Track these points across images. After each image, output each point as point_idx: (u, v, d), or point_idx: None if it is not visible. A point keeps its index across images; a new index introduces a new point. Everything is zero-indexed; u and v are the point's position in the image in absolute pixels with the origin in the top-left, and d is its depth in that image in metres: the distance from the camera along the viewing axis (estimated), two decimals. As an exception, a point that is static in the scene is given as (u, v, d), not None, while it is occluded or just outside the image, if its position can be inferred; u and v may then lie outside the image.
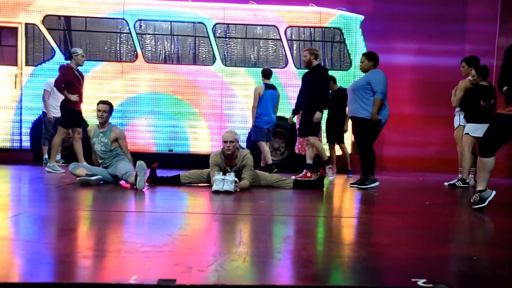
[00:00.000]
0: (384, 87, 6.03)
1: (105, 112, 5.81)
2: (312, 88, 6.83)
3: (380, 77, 6.05)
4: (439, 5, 11.19)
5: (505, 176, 9.51)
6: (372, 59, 6.28)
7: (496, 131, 4.08)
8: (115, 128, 5.87)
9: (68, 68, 7.00)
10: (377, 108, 5.97)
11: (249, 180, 5.37)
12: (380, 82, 6.02)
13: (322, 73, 6.86)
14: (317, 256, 2.31)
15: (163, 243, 2.49)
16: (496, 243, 2.89)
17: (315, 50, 7.01)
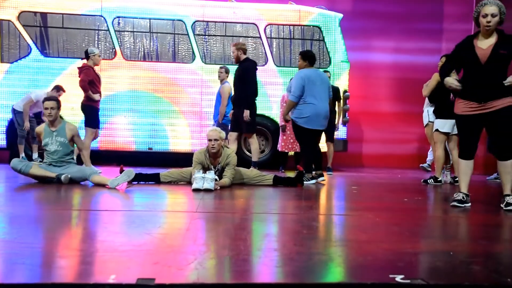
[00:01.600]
0: (296, 90, 6.17)
1: (53, 109, 5.45)
2: (238, 83, 6.88)
3: (297, 80, 6.21)
4: (416, 3, 11.34)
5: (480, 173, 9.69)
6: (306, 58, 6.38)
7: (465, 134, 4.19)
8: (69, 125, 5.58)
9: (89, 67, 6.99)
10: (287, 109, 6.29)
11: (230, 179, 5.37)
12: (294, 84, 6.22)
13: (249, 68, 6.86)
14: (296, 253, 2.32)
15: (142, 242, 2.47)
16: (471, 239, 2.95)
17: (243, 44, 7.04)
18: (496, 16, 3.93)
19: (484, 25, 3.96)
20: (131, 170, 5.23)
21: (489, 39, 4.01)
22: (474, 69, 4.01)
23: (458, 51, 4.14)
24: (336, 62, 9.17)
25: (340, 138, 9.04)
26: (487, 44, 4.00)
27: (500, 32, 4.04)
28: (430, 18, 11.45)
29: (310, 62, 6.36)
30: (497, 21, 3.95)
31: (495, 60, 3.94)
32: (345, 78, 9.25)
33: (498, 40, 3.98)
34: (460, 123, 4.21)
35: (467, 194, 4.24)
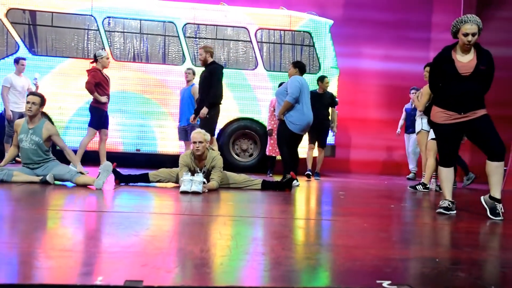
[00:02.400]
0: (294, 92, 6.47)
1: (34, 104, 5.26)
2: (203, 86, 6.86)
3: (294, 83, 6.51)
4: (406, 12, 11.47)
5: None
6: (297, 66, 6.77)
7: (444, 142, 4.25)
8: (47, 124, 5.38)
9: (97, 70, 7.11)
10: (284, 109, 6.51)
11: (217, 181, 5.36)
12: (292, 87, 6.48)
13: (215, 70, 6.86)
14: (284, 258, 2.33)
15: (130, 244, 2.46)
16: (457, 246, 2.99)
17: (210, 48, 7.03)
18: (475, 35, 4.02)
19: (465, 43, 4.05)
20: (107, 163, 5.13)
21: (468, 53, 4.11)
22: (454, 81, 4.09)
23: (439, 64, 4.21)
24: (326, 68, 9.22)
25: (328, 143, 9.08)
26: (468, 59, 4.10)
27: (477, 46, 4.14)
28: (418, 27, 11.59)
29: (301, 71, 6.73)
30: (477, 38, 4.05)
31: (476, 75, 4.05)
32: (334, 84, 9.30)
33: (477, 55, 4.09)
34: (439, 132, 4.29)
35: (452, 201, 4.29)
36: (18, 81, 7.93)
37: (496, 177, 4.09)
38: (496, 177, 4.09)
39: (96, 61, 7.18)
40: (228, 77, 8.99)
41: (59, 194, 4.58)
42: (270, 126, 8.29)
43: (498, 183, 4.12)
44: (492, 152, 4.05)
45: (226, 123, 8.95)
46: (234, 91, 8.91)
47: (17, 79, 7.93)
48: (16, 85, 7.83)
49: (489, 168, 4.08)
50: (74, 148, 6.81)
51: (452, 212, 4.24)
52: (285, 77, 9.13)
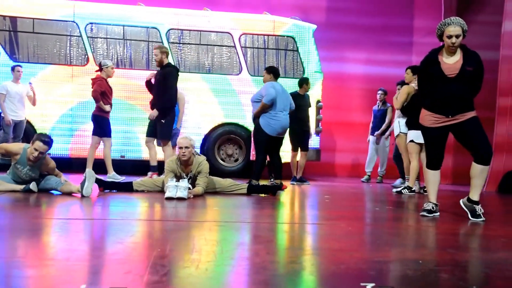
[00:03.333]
0: (271, 93, 6.72)
1: (41, 154, 5.02)
2: (158, 89, 6.80)
3: (269, 88, 6.76)
4: (388, 17, 11.60)
5: (450, 182, 9.91)
6: (271, 72, 7.00)
7: (432, 145, 4.29)
8: (47, 161, 5.23)
9: (102, 79, 7.20)
10: (259, 110, 6.74)
11: (203, 187, 5.35)
12: (267, 91, 6.73)
13: (170, 74, 6.82)
14: (269, 262, 2.33)
15: (114, 251, 2.44)
16: (440, 247, 3.02)
17: (165, 48, 6.97)
18: (460, 36, 4.07)
19: (449, 45, 4.09)
20: (89, 171, 5.08)
21: (454, 55, 4.14)
22: (441, 84, 4.13)
23: (426, 67, 4.25)
24: (310, 72, 9.26)
25: (313, 147, 9.12)
26: (454, 60, 4.13)
27: (464, 48, 4.18)
28: (400, 31, 11.73)
29: (274, 76, 6.97)
30: (461, 40, 4.09)
31: (463, 76, 4.07)
32: (318, 88, 9.35)
33: (464, 56, 4.12)
34: (428, 135, 4.31)
35: (436, 204, 4.33)
36: (14, 88, 7.83)
37: (479, 181, 4.14)
38: (479, 180, 4.14)
39: (101, 70, 7.27)
40: (213, 82, 8.99)
41: (42, 202, 4.53)
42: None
43: (479, 186, 4.17)
44: (480, 156, 4.08)
45: (211, 129, 8.93)
46: (218, 96, 8.91)
47: (13, 86, 7.83)
48: (11, 92, 7.75)
49: (474, 170, 4.12)
50: (57, 156, 6.73)
51: (435, 214, 4.28)
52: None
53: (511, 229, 3.82)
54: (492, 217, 4.35)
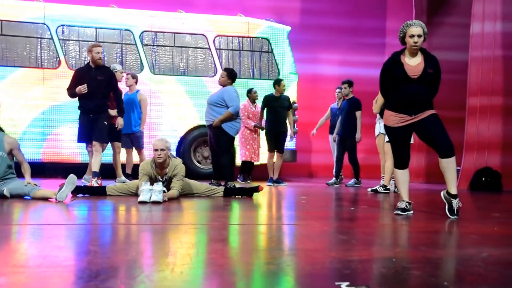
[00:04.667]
0: (238, 104, 6.99)
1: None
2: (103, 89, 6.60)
3: (233, 94, 6.95)
4: (361, 18, 11.75)
5: (423, 181, 10.08)
6: (231, 77, 7.12)
7: (398, 145, 4.38)
8: (7, 138, 5.13)
9: None
10: (224, 118, 6.86)
11: (178, 190, 5.31)
12: (234, 99, 6.92)
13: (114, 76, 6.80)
14: (245, 264, 2.33)
15: (87, 256, 2.41)
16: (413, 245, 3.07)
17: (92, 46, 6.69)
18: (421, 37, 4.20)
19: (412, 45, 4.21)
20: (72, 176, 5.01)
21: (416, 57, 4.26)
22: (404, 84, 4.23)
23: (389, 69, 4.34)
24: (285, 73, 9.32)
25: (289, 148, 9.16)
26: (416, 62, 4.26)
27: (424, 51, 4.32)
28: (374, 33, 11.89)
29: (233, 80, 7.13)
30: (422, 41, 4.22)
31: (424, 78, 4.20)
32: (293, 89, 9.41)
33: (425, 58, 4.26)
34: (392, 135, 4.41)
35: (409, 202, 4.41)
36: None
37: (450, 174, 4.23)
38: (449, 173, 4.23)
39: None
40: (188, 85, 8.96)
41: (13, 208, 4.43)
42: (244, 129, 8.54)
43: (453, 179, 4.26)
44: (442, 149, 4.20)
45: (187, 131, 8.90)
46: (194, 98, 8.88)
47: None
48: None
49: (442, 165, 4.22)
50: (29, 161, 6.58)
51: (409, 212, 4.35)
52: (244, 83, 9.18)
53: (481, 226, 3.90)
54: (464, 214, 4.44)
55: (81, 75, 6.55)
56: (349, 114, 8.30)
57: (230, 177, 6.90)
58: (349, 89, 8.44)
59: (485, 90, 8.25)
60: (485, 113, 8.29)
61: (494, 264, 2.37)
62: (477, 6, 8.33)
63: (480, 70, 8.28)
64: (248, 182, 8.21)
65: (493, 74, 8.26)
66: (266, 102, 8.16)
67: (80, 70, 6.72)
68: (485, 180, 8.08)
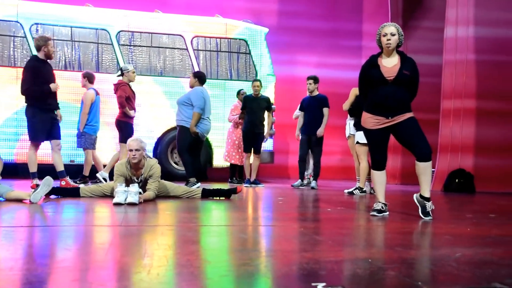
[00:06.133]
0: (201, 103, 6.94)
1: None
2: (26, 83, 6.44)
3: (198, 94, 6.97)
4: (338, 21, 11.87)
5: (399, 182, 10.22)
6: (197, 76, 7.16)
7: (375, 147, 4.43)
8: None
9: (125, 84, 7.15)
10: (195, 121, 6.91)
11: (154, 191, 5.27)
12: (198, 98, 6.93)
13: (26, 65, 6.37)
14: (222, 265, 2.32)
15: (61, 259, 2.37)
16: (388, 246, 3.10)
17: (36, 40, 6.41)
18: (395, 35, 4.27)
19: (385, 44, 4.28)
20: (48, 178, 4.93)
21: (392, 58, 4.33)
22: (380, 86, 4.29)
23: (367, 71, 4.40)
24: (262, 75, 9.34)
25: (267, 150, 9.19)
26: (392, 64, 4.32)
27: (401, 53, 4.39)
28: (351, 35, 12.01)
29: (200, 80, 7.15)
30: (397, 40, 4.29)
31: (400, 80, 4.26)
32: (271, 91, 9.44)
33: (401, 60, 4.31)
34: (370, 137, 4.46)
35: (385, 204, 4.46)
36: None
37: (425, 177, 4.31)
38: (425, 177, 4.30)
39: (122, 75, 7.23)
40: (165, 85, 8.91)
41: (-16, 210, 4.33)
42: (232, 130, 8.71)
43: (427, 182, 4.33)
44: (420, 153, 4.26)
45: (164, 132, 8.84)
46: (171, 99, 8.83)
47: None
48: None
49: (418, 169, 4.29)
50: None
51: (385, 213, 4.41)
52: (222, 84, 9.17)
53: (454, 227, 3.97)
54: (438, 215, 4.52)
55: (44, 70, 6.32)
56: (316, 112, 8.01)
57: (190, 173, 6.94)
58: (314, 85, 8.12)
59: (459, 93, 8.42)
60: (458, 116, 8.45)
61: (466, 264, 2.42)
62: (451, 11, 8.49)
63: (454, 74, 8.44)
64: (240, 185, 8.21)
65: (466, 78, 8.43)
66: (243, 102, 8.22)
67: (37, 65, 6.29)
68: (459, 182, 8.24)
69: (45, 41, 6.27)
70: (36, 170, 6.45)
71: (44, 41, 6.26)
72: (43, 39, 6.31)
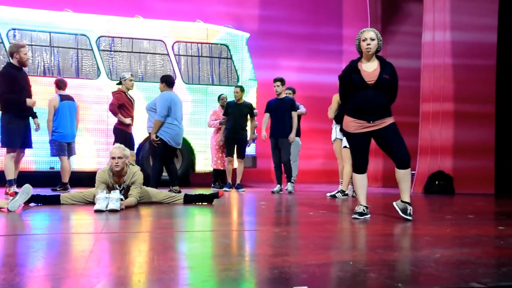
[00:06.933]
0: (163, 110, 6.76)
1: None
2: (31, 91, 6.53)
3: (162, 100, 6.82)
4: (319, 26, 11.97)
5: (380, 185, 10.32)
6: (163, 81, 7.02)
7: (357, 150, 4.48)
8: None
9: (122, 92, 7.10)
10: (155, 129, 6.80)
11: (136, 198, 5.23)
12: (160, 105, 6.78)
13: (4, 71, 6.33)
14: (204, 270, 2.32)
15: (40, 267, 2.34)
16: (370, 248, 3.13)
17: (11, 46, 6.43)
18: (374, 40, 4.33)
19: (365, 48, 4.34)
20: (28, 186, 4.87)
21: (372, 63, 4.40)
22: (361, 90, 4.34)
23: (347, 76, 4.45)
24: (244, 80, 9.36)
25: (249, 154, 9.20)
26: (372, 68, 4.38)
27: (380, 58, 4.46)
28: (331, 40, 12.12)
29: (167, 85, 6.96)
30: (376, 45, 4.35)
31: (380, 84, 4.32)
32: (252, 95, 9.46)
33: (380, 65, 4.38)
34: (352, 141, 4.51)
35: (366, 206, 4.51)
36: None
37: (405, 184, 4.38)
38: (405, 183, 4.37)
39: (121, 83, 7.21)
40: (146, 91, 8.87)
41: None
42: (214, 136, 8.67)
43: (407, 188, 4.40)
44: (400, 161, 4.33)
45: (146, 137, 8.78)
46: (152, 104, 8.77)
47: None
48: None
49: (398, 175, 4.36)
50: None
51: (366, 216, 4.45)
52: (204, 89, 9.16)
53: (434, 228, 4.03)
54: (418, 217, 4.58)
55: (20, 78, 6.27)
56: (283, 114, 7.83)
57: (154, 182, 6.77)
58: (282, 87, 7.93)
59: (437, 97, 8.55)
60: (437, 119, 8.58)
61: (445, 264, 2.46)
62: (428, 16, 8.63)
63: (432, 77, 8.57)
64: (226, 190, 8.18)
65: (444, 81, 8.56)
66: (225, 108, 8.26)
67: (13, 72, 6.21)
68: (438, 184, 8.35)
69: (18, 48, 6.21)
70: (14, 177, 6.35)
71: (16, 48, 6.21)
72: (16, 46, 6.27)
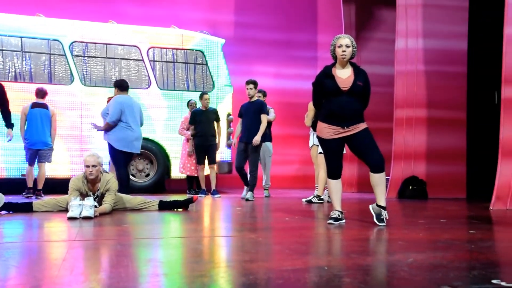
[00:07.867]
0: (114, 114, 6.64)
1: None
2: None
3: (114, 104, 6.71)
4: (294, 32, 12.07)
5: (355, 191, 10.42)
6: (116, 86, 6.95)
7: (331, 156, 4.52)
8: None
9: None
10: (103, 128, 6.71)
11: (110, 204, 5.17)
12: (112, 109, 6.67)
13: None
14: (179, 277, 2.31)
15: (10, 276, 2.29)
16: (345, 253, 3.16)
17: None
18: (349, 47, 4.39)
19: (340, 55, 4.38)
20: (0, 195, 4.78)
21: (346, 69, 4.45)
22: (335, 96, 4.39)
23: (321, 82, 4.49)
24: (220, 86, 9.36)
25: (225, 160, 9.19)
26: (346, 75, 4.43)
27: (354, 65, 4.52)
28: (306, 46, 12.24)
29: (120, 89, 6.82)
30: (351, 52, 4.40)
31: (354, 90, 4.37)
32: (228, 101, 9.47)
33: (354, 72, 4.44)
34: (326, 147, 4.54)
35: (341, 212, 4.55)
36: None
37: (380, 188, 4.43)
38: (379, 187, 4.43)
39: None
40: (121, 96, 8.77)
41: None
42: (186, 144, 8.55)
43: (382, 192, 4.45)
44: (374, 165, 4.38)
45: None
46: (127, 110, 8.69)
47: None
48: None
49: (373, 179, 4.40)
50: None
51: (341, 221, 4.49)
52: (179, 95, 9.12)
53: (407, 233, 4.09)
54: (392, 221, 4.64)
55: None
56: (253, 117, 7.68)
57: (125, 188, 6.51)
58: (255, 90, 7.83)
59: (410, 103, 8.69)
60: (410, 125, 8.72)
61: (418, 268, 2.50)
62: (401, 23, 8.79)
63: (405, 84, 8.71)
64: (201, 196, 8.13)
65: (416, 88, 8.72)
66: (192, 116, 8.23)
67: None
68: (412, 189, 8.48)
69: None
70: None
71: None
72: None
